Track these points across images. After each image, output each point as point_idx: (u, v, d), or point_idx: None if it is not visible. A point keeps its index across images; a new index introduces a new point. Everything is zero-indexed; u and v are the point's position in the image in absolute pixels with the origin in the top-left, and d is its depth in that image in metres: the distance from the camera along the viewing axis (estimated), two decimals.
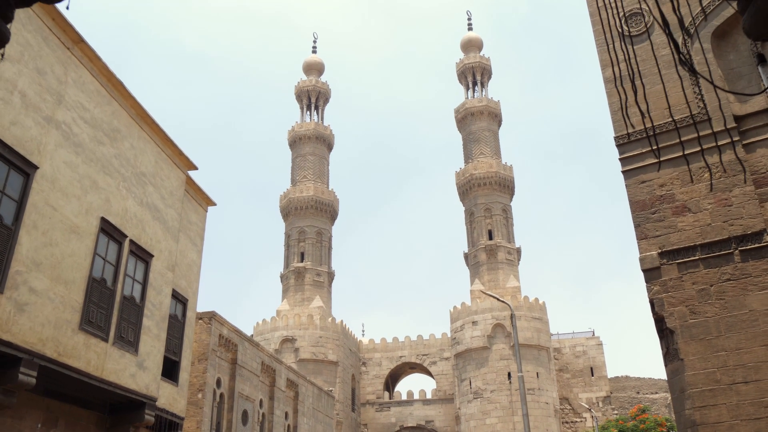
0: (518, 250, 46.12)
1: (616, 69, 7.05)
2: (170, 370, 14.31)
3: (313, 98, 53.64)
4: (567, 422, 44.20)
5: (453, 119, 52.01)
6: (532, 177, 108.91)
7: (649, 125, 6.91)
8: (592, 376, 46.85)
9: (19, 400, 9.83)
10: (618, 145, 7.56)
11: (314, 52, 57.04)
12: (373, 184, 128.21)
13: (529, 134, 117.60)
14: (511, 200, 48.11)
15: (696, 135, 6.53)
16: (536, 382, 38.79)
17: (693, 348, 6.24)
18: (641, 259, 6.87)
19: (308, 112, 53.46)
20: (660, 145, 6.96)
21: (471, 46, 54.00)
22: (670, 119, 6.93)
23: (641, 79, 4.92)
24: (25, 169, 9.67)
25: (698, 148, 6.58)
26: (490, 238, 45.42)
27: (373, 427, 44.39)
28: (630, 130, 7.21)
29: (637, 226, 6.88)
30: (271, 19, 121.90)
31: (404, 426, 44.04)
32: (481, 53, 53.90)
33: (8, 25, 2.90)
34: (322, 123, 52.82)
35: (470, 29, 55.63)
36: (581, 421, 44.25)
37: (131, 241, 12.40)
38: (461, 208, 49.35)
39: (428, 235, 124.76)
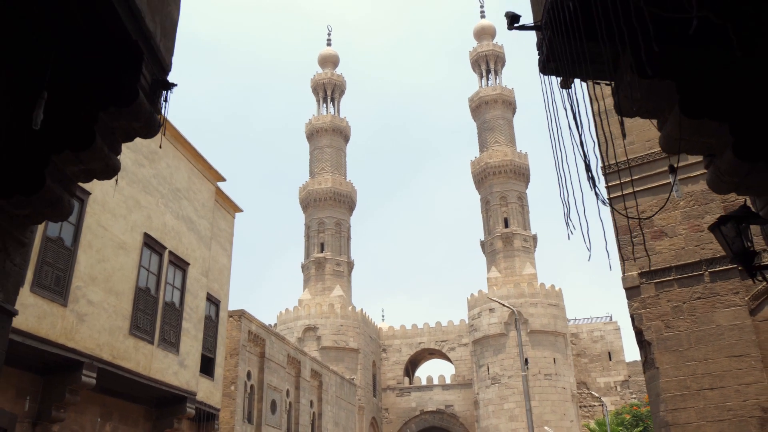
0: (534, 237, 46.73)
1: (601, 103, 7.87)
2: (207, 366, 15.62)
3: (329, 91, 54.48)
4: (585, 406, 45.03)
5: (467, 100, 52.36)
6: (546, 160, 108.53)
7: (632, 156, 7.81)
8: (610, 360, 47.44)
9: (81, 397, 11.17)
10: (604, 175, 8.47)
11: (329, 44, 57.73)
12: (388, 168, 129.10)
13: (542, 116, 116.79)
14: (526, 188, 48.61)
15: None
16: (553, 367, 39.70)
17: (667, 358, 7.20)
18: (623, 279, 7.83)
19: (324, 105, 54.35)
20: (642, 175, 7.86)
21: (484, 34, 54.18)
22: (651, 151, 7.80)
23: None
24: (81, 196, 10.88)
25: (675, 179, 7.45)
26: (506, 226, 46.08)
27: (394, 412, 45.82)
28: (614, 161, 8.14)
29: (620, 248, 7.82)
30: (280, 4, 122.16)
31: (424, 410, 45.36)
32: (494, 41, 54.04)
33: (117, 157, 3.96)
34: (338, 115, 53.71)
35: (483, 17, 55.77)
36: (599, 405, 45.13)
37: (170, 252, 13.63)
38: (477, 195, 50.02)
39: (445, 220, 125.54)
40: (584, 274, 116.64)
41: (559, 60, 3.91)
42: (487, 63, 52.45)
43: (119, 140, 3.91)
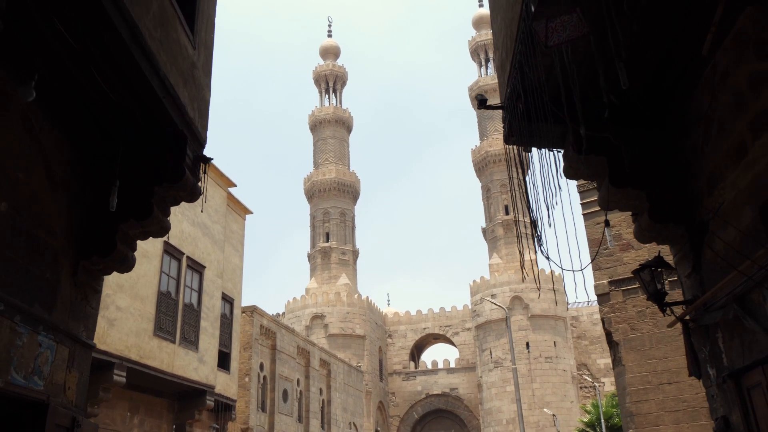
0: (534, 224, 47.64)
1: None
2: (223, 361, 16.77)
3: (330, 82, 55.16)
4: (585, 387, 46.26)
5: (467, 87, 53.04)
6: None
7: None
8: None
9: (112, 394, 12.33)
10: (579, 192, 9.45)
11: (330, 36, 58.28)
12: (391, 152, 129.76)
13: None
14: (526, 175, 49.40)
15: None
16: (554, 350, 40.89)
17: (632, 356, 8.24)
18: (595, 286, 8.85)
19: (327, 96, 55.09)
20: None
21: (483, 23, 54.52)
22: None
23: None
24: None
25: None
26: (507, 213, 46.99)
27: (401, 396, 47.25)
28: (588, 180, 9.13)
29: (592, 259, 8.81)
30: None
31: (430, 393, 46.75)
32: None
33: (167, 218, 4.97)
34: (341, 106, 54.47)
35: (481, 5, 56.07)
36: (600, 386, 46.38)
37: (188, 257, 14.70)
38: (479, 183, 50.87)
39: (449, 204, 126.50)
40: (585, 259, 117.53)
41: (517, 135, 4.89)
42: (486, 52, 52.93)
43: (169, 206, 4.93)
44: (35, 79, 3.46)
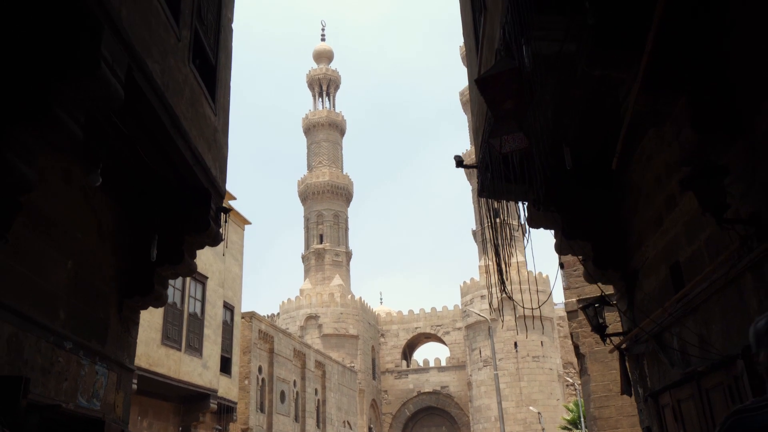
0: (523, 227, 48.71)
1: None
2: (225, 366, 17.68)
3: (324, 86, 55.95)
4: (571, 385, 47.43)
5: (458, 79, 54.06)
6: None
7: None
8: None
9: None
10: None
11: (323, 39, 59.04)
12: (384, 151, 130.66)
13: None
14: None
15: None
16: (541, 350, 42.03)
17: (596, 367, 9.26)
18: (566, 304, 9.86)
19: (320, 100, 55.89)
20: None
21: None
22: None
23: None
24: None
25: None
26: (497, 215, 48.01)
27: (393, 393, 48.29)
28: None
29: (563, 279, 9.82)
30: None
31: (421, 391, 47.82)
32: None
33: (194, 260, 5.90)
34: (334, 110, 55.30)
35: None
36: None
37: None
38: (469, 185, 51.88)
39: (441, 203, 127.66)
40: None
41: (488, 191, 5.86)
42: None
43: (195, 250, 5.86)
44: (101, 167, 4.38)
